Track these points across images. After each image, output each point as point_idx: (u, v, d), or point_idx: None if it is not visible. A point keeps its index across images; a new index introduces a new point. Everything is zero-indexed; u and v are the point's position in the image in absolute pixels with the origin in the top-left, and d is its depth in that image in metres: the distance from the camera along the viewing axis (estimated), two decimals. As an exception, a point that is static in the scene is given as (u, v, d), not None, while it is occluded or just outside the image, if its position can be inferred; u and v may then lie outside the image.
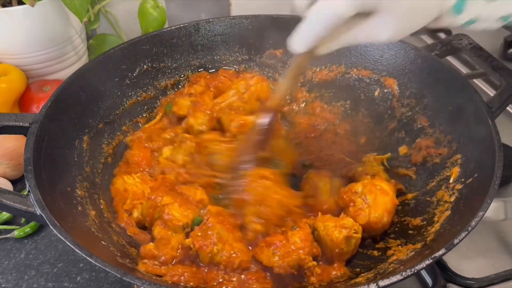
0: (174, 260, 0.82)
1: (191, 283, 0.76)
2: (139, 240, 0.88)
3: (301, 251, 0.79)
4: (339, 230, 0.81)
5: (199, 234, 0.82)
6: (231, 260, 0.80)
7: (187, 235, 0.85)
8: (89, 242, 0.76)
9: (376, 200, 0.87)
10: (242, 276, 0.80)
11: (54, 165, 0.87)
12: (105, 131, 1.06)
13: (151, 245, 0.83)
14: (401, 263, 0.77)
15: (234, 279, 0.80)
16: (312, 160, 1.05)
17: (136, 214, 0.91)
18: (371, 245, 0.88)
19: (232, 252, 0.80)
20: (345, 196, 0.90)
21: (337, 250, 0.82)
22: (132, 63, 1.13)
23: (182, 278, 0.77)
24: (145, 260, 0.81)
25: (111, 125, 1.08)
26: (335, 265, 0.82)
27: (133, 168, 1.01)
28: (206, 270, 0.81)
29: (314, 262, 0.80)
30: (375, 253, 0.86)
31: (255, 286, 0.79)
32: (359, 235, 0.83)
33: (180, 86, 1.20)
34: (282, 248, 0.80)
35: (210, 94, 1.11)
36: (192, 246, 0.81)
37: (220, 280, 0.80)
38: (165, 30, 1.17)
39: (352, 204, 0.89)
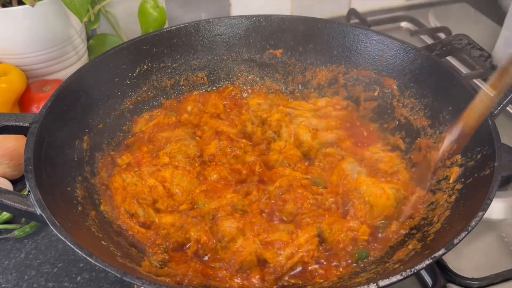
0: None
1: (194, 282, 0.77)
2: (141, 239, 0.88)
3: (305, 254, 0.81)
4: (346, 233, 0.83)
5: (207, 228, 0.84)
6: (235, 256, 0.80)
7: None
8: (89, 242, 0.76)
9: (373, 203, 0.89)
10: (245, 275, 0.81)
11: (54, 165, 0.87)
12: (105, 131, 1.06)
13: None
14: (401, 263, 0.77)
15: (238, 279, 0.81)
16: None
17: (138, 209, 0.91)
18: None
19: (235, 249, 0.81)
20: (349, 194, 0.92)
21: (343, 253, 0.83)
22: (132, 63, 1.13)
23: (186, 278, 0.77)
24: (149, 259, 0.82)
25: (111, 125, 1.08)
26: (340, 265, 0.83)
27: (132, 167, 1.01)
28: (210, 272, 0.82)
29: (316, 266, 0.81)
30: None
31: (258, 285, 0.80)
32: (366, 237, 0.84)
33: (180, 87, 1.21)
34: (286, 248, 0.81)
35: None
36: (198, 238, 0.83)
37: (226, 278, 0.81)
38: (165, 30, 1.17)
39: (351, 203, 0.91)
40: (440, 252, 0.69)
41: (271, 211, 0.92)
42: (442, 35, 1.55)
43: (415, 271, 0.67)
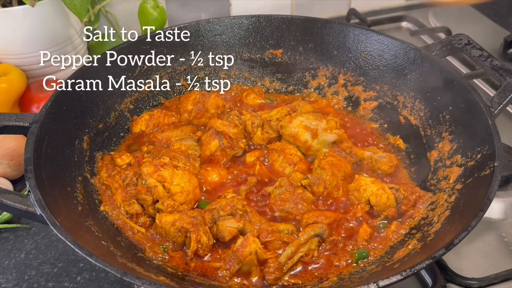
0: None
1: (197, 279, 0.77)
2: (141, 239, 0.88)
3: (305, 254, 0.83)
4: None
5: (207, 228, 0.85)
6: (235, 256, 0.81)
7: None
8: (89, 242, 0.76)
9: (373, 202, 0.91)
10: (245, 275, 0.81)
11: (54, 165, 0.88)
12: (105, 131, 1.06)
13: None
14: (401, 263, 0.77)
15: (238, 279, 0.81)
16: None
17: (138, 210, 0.91)
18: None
19: (236, 249, 0.81)
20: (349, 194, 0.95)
21: (343, 253, 0.85)
22: (132, 63, 1.13)
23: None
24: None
25: (111, 125, 1.08)
26: (340, 265, 0.83)
27: (132, 167, 1.00)
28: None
29: (316, 266, 0.83)
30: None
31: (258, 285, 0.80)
32: (366, 237, 0.87)
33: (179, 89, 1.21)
34: (286, 248, 0.83)
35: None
36: (198, 238, 0.84)
37: (226, 278, 0.81)
38: (165, 30, 1.17)
39: (351, 203, 0.93)
40: (440, 252, 0.69)
41: (271, 211, 0.92)
42: (442, 35, 1.55)
43: (415, 271, 0.67)
